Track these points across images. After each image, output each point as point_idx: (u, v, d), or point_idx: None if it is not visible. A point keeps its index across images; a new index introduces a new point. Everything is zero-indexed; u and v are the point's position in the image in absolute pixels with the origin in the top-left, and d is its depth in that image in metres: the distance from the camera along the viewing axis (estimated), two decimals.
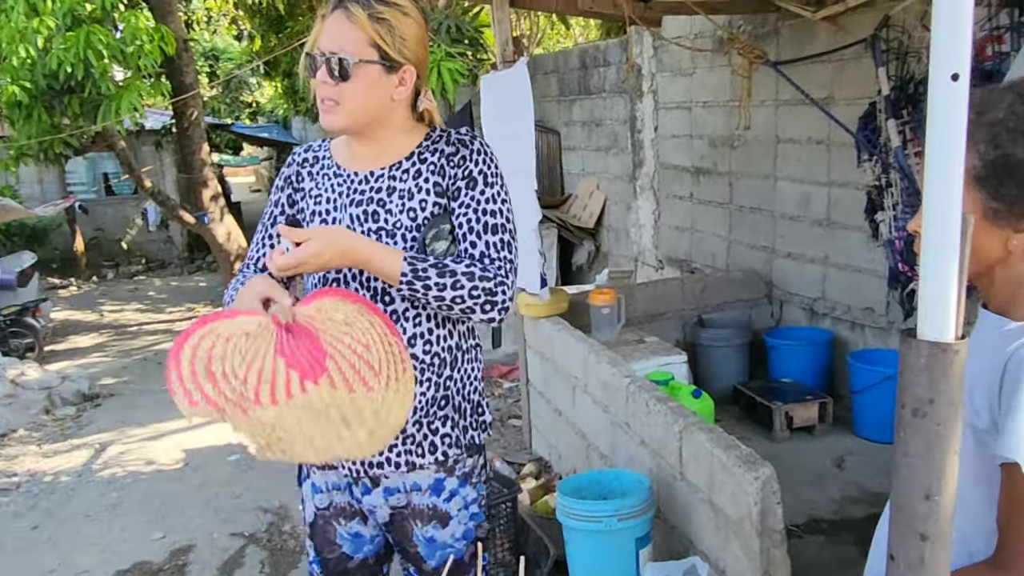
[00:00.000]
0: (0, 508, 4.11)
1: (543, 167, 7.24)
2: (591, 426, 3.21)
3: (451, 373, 1.57)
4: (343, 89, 1.45)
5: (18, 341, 8.13)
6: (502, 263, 1.48)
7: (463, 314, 1.47)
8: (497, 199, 1.52)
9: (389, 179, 1.53)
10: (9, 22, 7.78)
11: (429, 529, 1.59)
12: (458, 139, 1.54)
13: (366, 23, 1.43)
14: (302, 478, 1.69)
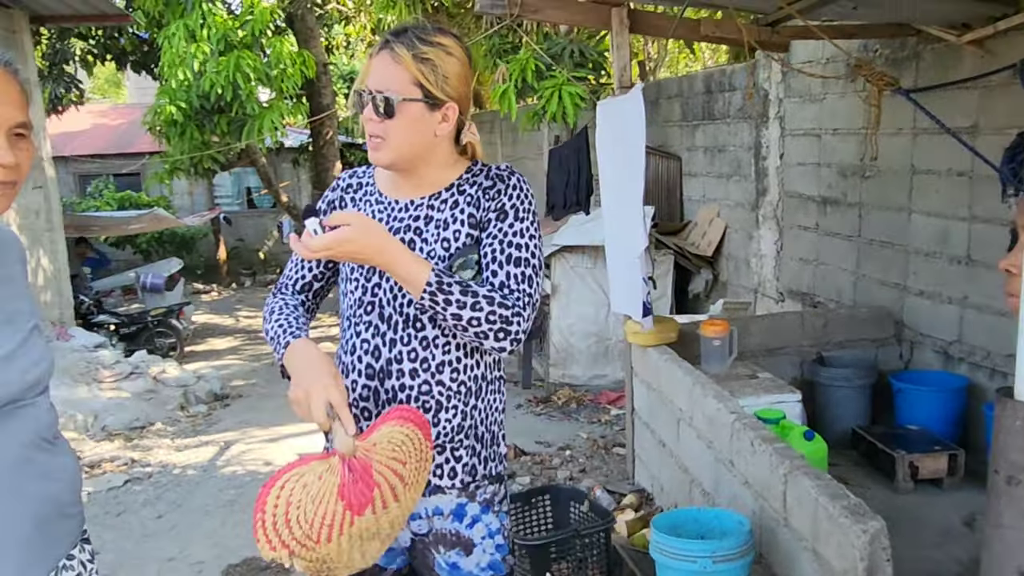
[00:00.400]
0: (134, 495, 4.43)
1: (662, 193, 7.14)
2: (695, 461, 3.11)
3: (475, 402, 1.60)
4: (388, 126, 1.50)
5: (163, 340, 8.77)
6: (521, 295, 1.51)
7: (476, 338, 1.48)
8: (525, 234, 1.55)
9: (428, 208, 1.58)
10: (171, 48, 8.46)
11: (452, 555, 1.60)
12: (496, 174, 1.60)
13: (410, 63, 1.48)
14: None
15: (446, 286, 1.44)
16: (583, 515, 2.87)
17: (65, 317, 7.88)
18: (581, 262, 6.10)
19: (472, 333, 1.47)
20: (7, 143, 1.25)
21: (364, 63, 1.57)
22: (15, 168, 1.26)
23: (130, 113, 17.05)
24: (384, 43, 1.52)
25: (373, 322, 1.57)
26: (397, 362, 1.55)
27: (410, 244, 1.56)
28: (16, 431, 1.31)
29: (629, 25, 3.52)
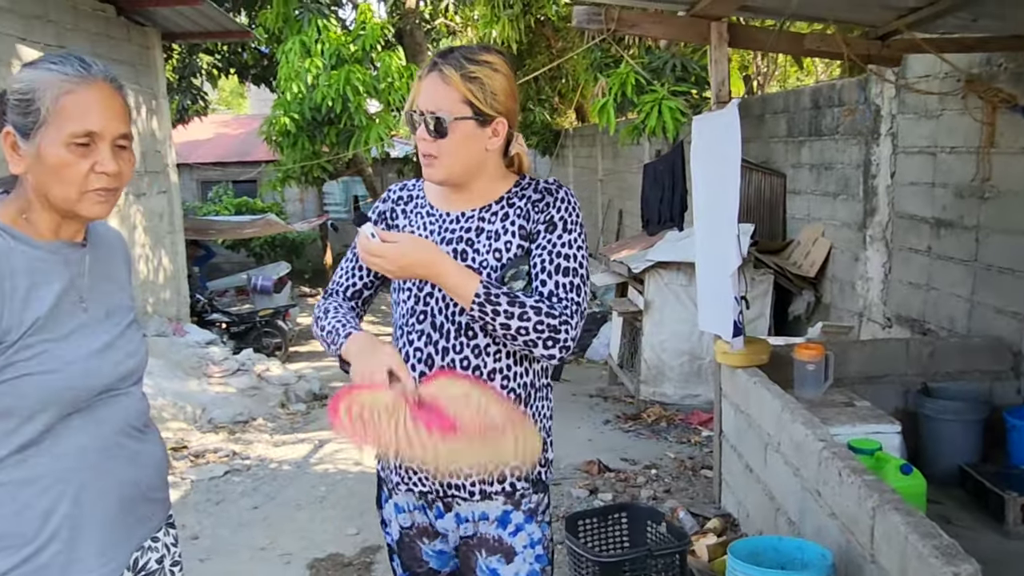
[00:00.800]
0: (233, 486, 4.65)
1: (764, 210, 6.94)
2: (781, 488, 3.00)
3: (525, 409, 1.62)
4: (441, 144, 1.55)
5: (269, 340, 9.17)
6: (569, 303, 1.54)
7: (525, 347, 1.52)
8: (573, 245, 1.59)
9: (479, 220, 1.62)
10: (288, 63, 8.89)
11: (493, 561, 1.63)
12: (545, 187, 1.63)
13: (459, 83, 1.53)
14: (383, 500, 1.76)
15: (494, 297, 1.48)
16: (659, 535, 2.82)
17: (181, 314, 8.37)
18: (676, 279, 6.01)
19: (521, 342, 1.51)
20: (111, 153, 1.34)
21: (414, 85, 1.62)
22: (117, 176, 1.35)
23: (249, 123, 17.98)
24: (432, 65, 1.57)
25: (425, 331, 1.61)
26: (450, 369, 1.59)
27: (462, 255, 1.60)
28: (108, 418, 1.41)
29: (728, 40, 3.46)
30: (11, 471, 1.32)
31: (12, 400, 1.29)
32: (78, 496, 1.37)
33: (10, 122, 1.32)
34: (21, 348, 1.29)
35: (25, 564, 1.33)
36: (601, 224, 11.81)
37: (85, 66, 1.33)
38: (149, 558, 1.54)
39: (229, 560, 3.64)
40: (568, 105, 13.36)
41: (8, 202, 1.37)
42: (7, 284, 1.28)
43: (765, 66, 11.22)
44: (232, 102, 26.62)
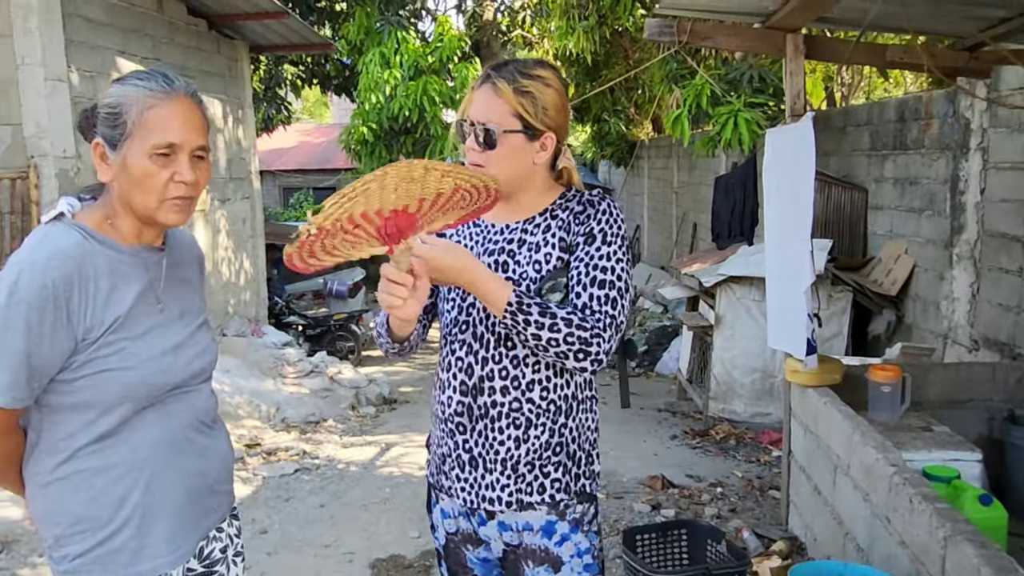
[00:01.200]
0: (302, 484, 4.78)
1: (844, 226, 6.73)
2: (850, 513, 2.90)
3: (565, 421, 1.63)
4: (489, 156, 1.57)
5: (342, 343, 9.39)
6: (602, 316, 1.53)
7: (557, 358, 1.51)
8: (611, 257, 1.57)
9: (521, 232, 1.64)
10: (368, 74, 9.12)
11: (541, 571, 1.64)
12: (588, 199, 1.63)
13: (511, 96, 1.55)
14: (431, 504, 1.78)
15: (525, 306, 1.48)
16: (719, 555, 2.77)
17: (260, 316, 8.66)
18: (748, 294, 5.89)
19: (553, 353, 1.50)
20: (189, 164, 1.42)
21: (467, 95, 1.64)
22: (194, 185, 1.43)
23: (330, 132, 18.50)
24: (486, 77, 1.59)
25: (467, 340, 1.63)
26: (489, 379, 1.60)
27: (503, 266, 1.61)
28: (179, 412, 1.49)
29: (805, 51, 3.39)
30: (89, 459, 1.41)
31: (92, 394, 1.38)
32: (149, 485, 1.45)
33: (100, 134, 1.41)
34: (102, 345, 1.38)
35: (100, 547, 1.42)
36: (675, 237, 11.67)
37: (168, 82, 1.41)
38: (214, 547, 1.61)
39: (295, 556, 3.74)
40: (644, 116, 13.26)
41: (95, 208, 1.46)
42: (91, 285, 1.37)
43: (850, 77, 10.91)
44: (315, 112, 27.44)
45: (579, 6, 8.77)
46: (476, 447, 1.63)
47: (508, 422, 1.60)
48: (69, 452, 1.41)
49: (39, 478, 1.43)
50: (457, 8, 12.70)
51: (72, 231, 1.39)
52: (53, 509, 1.43)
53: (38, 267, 1.32)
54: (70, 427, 1.40)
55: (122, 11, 6.48)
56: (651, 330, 8.93)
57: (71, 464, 1.41)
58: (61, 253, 1.35)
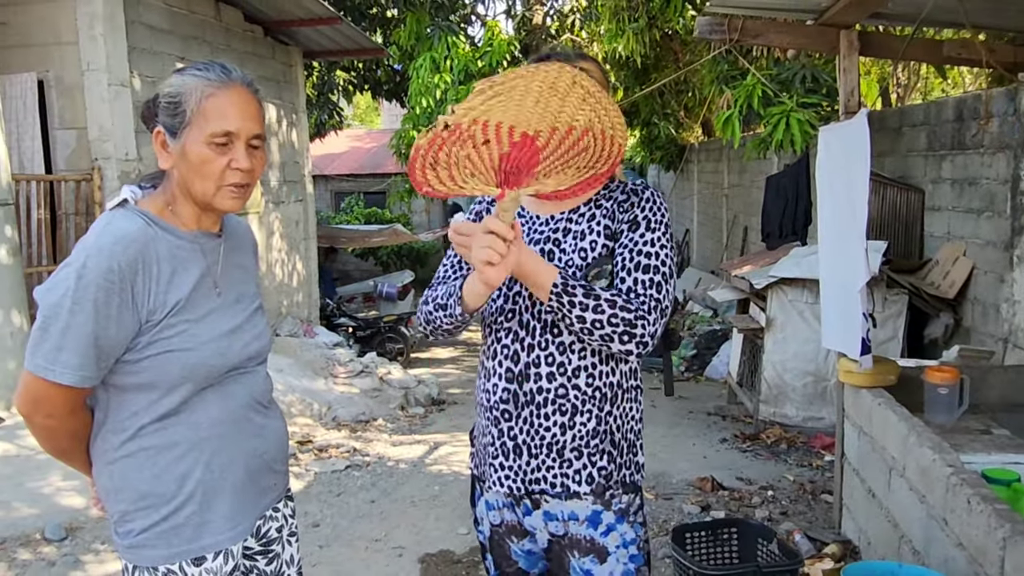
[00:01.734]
0: (352, 480, 4.86)
1: (900, 227, 6.58)
2: (905, 515, 2.85)
3: (611, 409, 1.64)
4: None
5: (392, 345, 9.51)
6: (647, 299, 1.54)
7: (602, 341, 1.52)
8: (656, 243, 1.60)
9: (566, 221, 1.66)
10: (418, 79, 9.23)
11: (587, 562, 1.64)
12: (632, 188, 1.66)
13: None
14: (476, 497, 1.79)
15: (570, 288, 1.50)
16: (770, 554, 2.74)
17: (312, 316, 8.83)
18: (800, 296, 5.80)
19: (597, 336, 1.52)
20: (245, 152, 1.46)
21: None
22: (250, 173, 1.47)
23: (381, 137, 18.77)
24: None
25: (513, 328, 1.65)
26: (535, 366, 1.62)
27: (549, 254, 1.64)
28: (237, 393, 1.55)
29: (859, 48, 3.34)
30: (152, 437, 1.46)
31: (155, 374, 1.44)
32: (210, 463, 1.50)
33: (161, 123, 1.46)
34: (165, 327, 1.43)
35: (164, 522, 1.47)
36: (725, 240, 11.54)
37: (226, 72, 1.45)
38: (270, 526, 1.66)
39: (346, 549, 3.81)
40: (694, 119, 13.15)
41: (156, 195, 1.51)
42: (154, 269, 1.42)
43: (905, 78, 10.67)
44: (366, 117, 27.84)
45: (629, 8, 8.75)
46: (521, 434, 1.64)
47: (554, 408, 1.61)
48: (133, 430, 1.46)
49: (105, 455, 1.48)
50: (507, 13, 12.78)
51: (135, 217, 1.44)
52: (119, 485, 1.47)
53: (104, 252, 1.37)
54: (134, 406, 1.46)
55: (182, 18, 6.69)
56: (700, 334, 8.85)
57: (135, 442, 1.46)
58: (126, 238, 1.39)
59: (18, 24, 5.76)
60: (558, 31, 11.58)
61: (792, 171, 6.03)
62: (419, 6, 9.92)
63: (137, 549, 1.47)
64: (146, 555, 1.47)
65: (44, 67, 5.86)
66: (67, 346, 1.36)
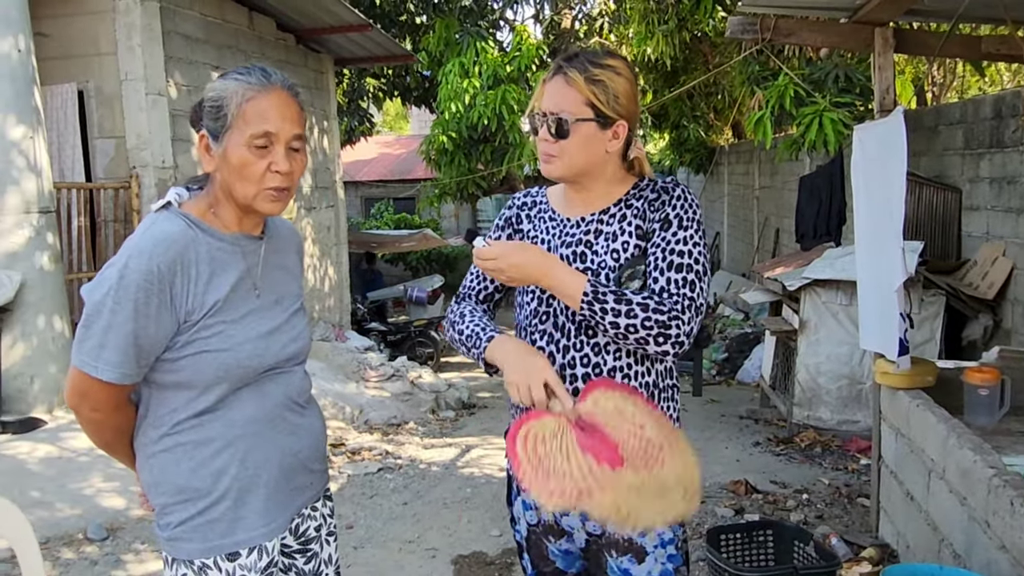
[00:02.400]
0: (385, 482, 4.90)
1: (936, 227, 6.48)
2: (945, 518, 2.80)
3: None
4: (562, 145, 1.59)
5: (422, 349, 9.57)
6: (680, 299, 1.53)
7: (638, 344, 1.52)
8: (688, 242, 1.58)
9: (597, 223, 1.65)
10: (447, 84, 9.30)
11: (624, 561, 1.62)
12: (662, 187, 1.64)
13: (583, 85, 1.56)
14: (512, 497, 1.78)
15: (601, 295, 1.51)
16: (806, 556, 2.71)
17: (343, 321, 8.91)
18: (834, 298, 5.73)
19: (633, 340, 1.52)
20: (285, 155, 1.47)
21: (538, 89, 1.66)
22: (289, 175, 1.48)
23: (410, 143, 18.89)
24: (557, 68, 1.60)
25: (547, 330, 1.65)
26: (570, 367, 1.61)
27: (581, 257, 1.64)
28: (273, 392, 1.56)
29: (895, 45, 3.30)
30: (189, 433, 1.49)
31: (192, 372, 1.46)
32: (245, 460, 1.51)
33: (204, 127, 1.49)
34: (202, 328, 1.45)
35: (200, 516, 1.50)
36: (756, 243, 11.44)
37: (266, 75, 1.47)
38: (308, 525, 1.67)
39: (380, 550, 3.84)
40: (724, 122, 13.06)
41: (200, 198, 1.53)
42: (193, 270, 1.44)
43: (941, 76, 10.51)
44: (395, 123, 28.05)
45: (658, 10, 8.73)
46: None
47: None
48: (170, 425, 1.49)
49: (146, 449, 1.52)
50: (535, 17, 12.81)
51: (178, 219, 1.46)
52: (159, 479, 1.51)
53: (146, 253, 1.39)
54: (173, 403, 1.49)
55: (216, 28, 6.82)
56: (732, 337, 8.77)
57: (173, 437, 1.49)
58: (167, 239, 1.42)
59: (59, 36, 5.91)
60: (586, 34, 11.59)
61: (826, 171, 5.96)
62: (448, 12, 9.99)
63: (175, 542, 1.51)
64: (183, 548, 1.50)
65: (84, 77, 6.00)
66: (108, 344, 1.40)
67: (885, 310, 3.32)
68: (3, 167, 4.88)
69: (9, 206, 4.93)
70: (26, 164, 4.96)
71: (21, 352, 5.03)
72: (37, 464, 4.45)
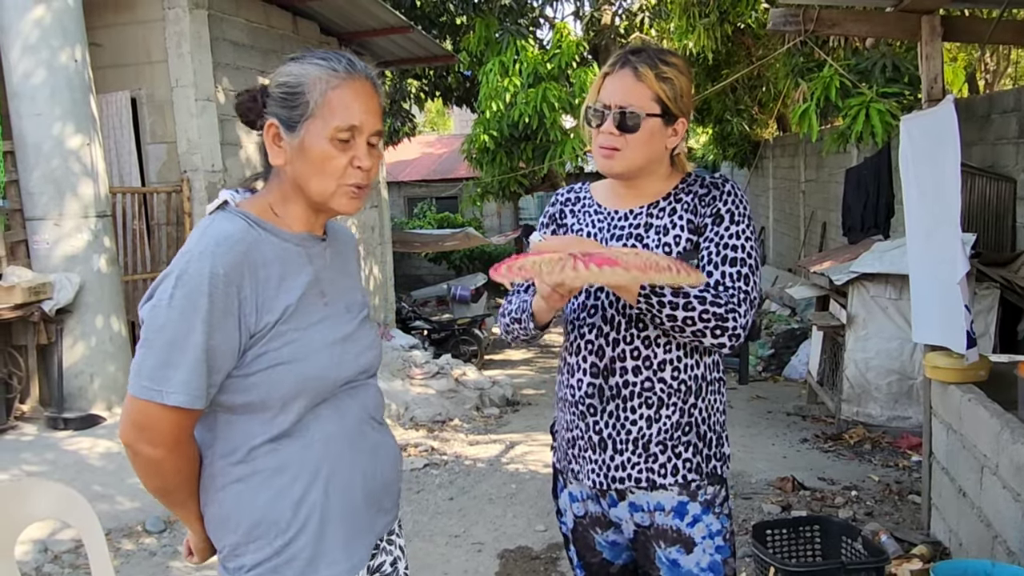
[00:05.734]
0: (431, 478, 4.96)
1: (989, 219, 6.31)
2: (998, 515, 2.75)
3: (695, 401, 1.64)
4: (628, 139, 1.60)
5: (466, 347, 9.63)
6: (736, 292, 1.56)
7: (694, 336, 1.53)
8: (740, 236, 1.61)
9: (647, 216, 1.66)
10: (488, 83, 9.34)
11: (673, 552, 1.63)
12: (711, 182, 1.67)
13: (653, 81, 1.58)
14: (559, 489, 1.79)
15: (658, 288, 1.51)
16: (855, 551, 2.69)
17: (388, 319, 9.03)
18: (884, 292, 5.63)
19: (689, 332, 1.53)
20: (366, 150, 1.34)
21: (596, 79, 1.66)
22: (368, 172, 1.35)
23: (452, 143, 19.00)
24: (624, 61, 1.61)
25: (596, 323, 1.65)
26: (620, 360, 1.62)
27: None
28: (351, 408, 1.41)
29: (942, 33, 3.24)
30: (265, 459, 1.32)
31: (266, 390, 1.30)
32: (327, 485, 1.35)
33: (273, 115, 1.33)
34: (274, 337, 1.30)
35: (278, 556, 1.33)
36: (803, 237, 11.26)
37: (351, 63, 1.34)
38: (384, 560, 1.51)
39: (427, 544, 3.90)
40: (768, 115, 12.87)
41: (259, 196, 1.39)
42: (261, 272, 1.29)
43: (994, 63, 10.22)
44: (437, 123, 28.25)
45: (699, 4, 8.65)
46: (606, 428, 1.64)
47: (640, 402, 1.62)
48: (244, 452, 1.33)
49: (216, 482, 1.35)
50: (575, 14, 12.79)
51: (237, 218, 1.32)
52: (230, 514, 1.34)
53: (207, 255, 1.25)
54: (247, 427, 1.33)
55: (262, 33, 6.97)
56: (778, 333, 8.66)
57: (248, 464, 1.33)
58: (229, 239, 1.27)
59: (112, 46, 6.10)
60: (627, 30, 11.53)
61: (873, 163, 5.85)
62: (488, 12, 10.04)
63: None
64: None
65: (136, 85, 6.19)
66: (173, 361, 1.23)
67: (947, 303, 3.24)
68: (62, 173, 5.07)
69: (69, 211, 5.11)
70: (84, 170, 5.14)
71: (81, 352, 5.22)
72: (97, 459, 4.62)
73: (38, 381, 5.22)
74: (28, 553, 3.54)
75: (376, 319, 8.69)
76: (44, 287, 4.92)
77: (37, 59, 4.96)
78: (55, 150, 5.03)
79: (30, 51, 4.95)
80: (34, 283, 4.88)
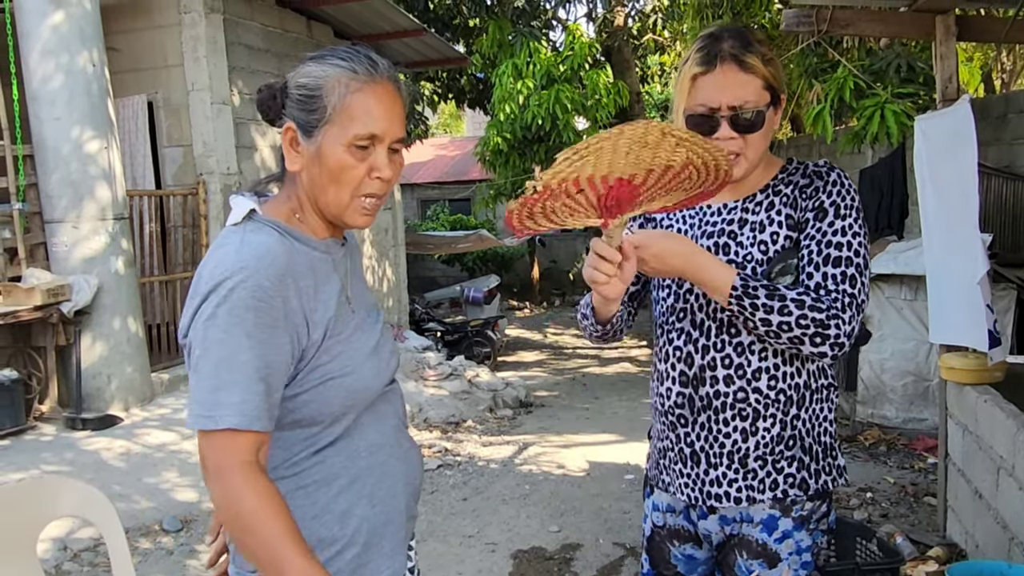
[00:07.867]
0: (445, 479, 4.98)
1: (1006, 219, 6.27)
2: (1015, 516, 2.73)
3: (797, 412, 1.49)
4: (749, 139, 1.42)
5: (479, 349, 9.64)
6: (839, 295, 1.38)
7: (791, 344, 1.38)
8: (847, 232, 1.42)
9: (742, 211, 1.50)
10: (501, 85, 9.37)
11: (754, 565, 1.51)
12: (814, 171, 1.48)
13: (762, 68, 1.41)
14: (646, 493, 1.70)
15: (752, 290, 1.37)
16: (869, 552, 2.68)
17: (402, 321, 9.06)
18: (899, 293, 5.60)
19: (786, 339, 1.38)
20: (388, 158, 1.25)
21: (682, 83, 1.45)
22: (388, 183, 1.26)
23: (465, 145, 19.05)
24: (722, 56, 1.40)
25: (685, 328, 1.52)
26: (711, 368, 1.48)
27: (724, 249, 1.49)
28: (387, 414, 1.36)
29: (957, 33, 3.23)
30: (310, 473, 1.27)
31: (318, 407, 1.24)
32: (373, 495, 1.30)
33: (291, 116, 1.24)
34: (322, 351, 1.23)
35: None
36: None
37: (373, 64, 1.24)
38: (412, 565, 1.48)
39: (441, 544, 3.91)
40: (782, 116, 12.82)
41: (279, 202, 1.30)
42: (301, 283, 1.21)
43: (1011, 63, 10.14)
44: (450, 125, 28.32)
45: (712, 5, 8.64)
46: (699, 440, 1.51)
47: (734, 413, 1.48)
48: (287, 467, 1.26)
49: None
50: (588, 16, 12.80)
51: (269, 229, 1.23)
52: None
53: (249, 270, 1.16)
54: (291, 443, 1.26)
55: (277, 37, 7.02)
56: None
57: (293, 480, 1.26)
58: (269, 253, 1.19)
59: (129, 51, 6.17)
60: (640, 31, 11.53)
61: (887, 163, 5.83)
62: (501, 14, 10.07)
63: None
64: None
65: (153, 89, 6.25)
66: (224, 383, 1.14)
67: (969, 303, 3.22)
68: (80, 177, 5.13)
69: (87, 213, 5.17)
70: (101, 173, 5.20)
71: (99, 353, 5.27)
72: (115, 459, 4.67)
73: (56, 382, 5.28)
74: (48, 551, 3.58)
75: (390, 321, 8.72)
76: (63, 289, 4.98)
77: (56, 64, 5.02)
78: (73, 154, 5.10)
79: (49, 56, 5.01)
80: (53, 285, 4.94)
